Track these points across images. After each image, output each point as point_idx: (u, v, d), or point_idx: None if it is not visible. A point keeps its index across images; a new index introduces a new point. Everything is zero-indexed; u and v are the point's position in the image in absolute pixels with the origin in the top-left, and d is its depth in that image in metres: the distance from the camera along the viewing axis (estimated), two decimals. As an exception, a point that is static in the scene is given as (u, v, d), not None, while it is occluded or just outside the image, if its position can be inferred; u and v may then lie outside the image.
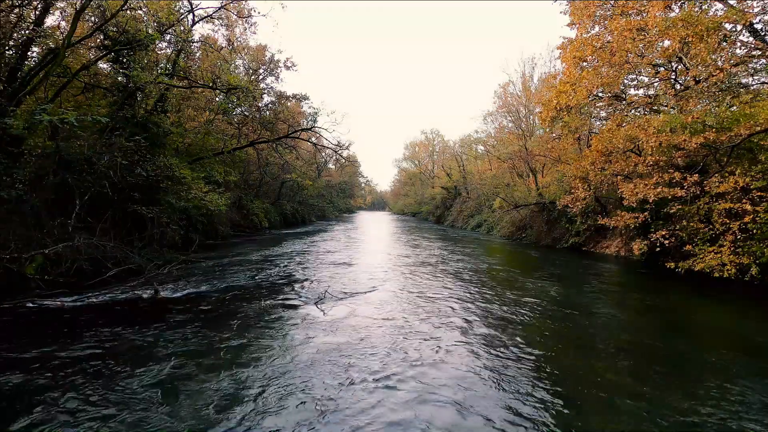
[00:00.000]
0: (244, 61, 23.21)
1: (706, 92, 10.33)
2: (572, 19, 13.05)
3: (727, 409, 3.85)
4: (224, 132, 19.14)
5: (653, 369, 4.80)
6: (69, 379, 4.11)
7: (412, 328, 6.00)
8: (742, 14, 9.15)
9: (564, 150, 19.30)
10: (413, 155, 64.26)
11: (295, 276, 9.91)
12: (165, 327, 5.75)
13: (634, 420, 3.66)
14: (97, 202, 9.37)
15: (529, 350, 5.23)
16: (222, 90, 14.64)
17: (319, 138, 24.00)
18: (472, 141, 39.25)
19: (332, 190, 51.72)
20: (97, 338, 5.23)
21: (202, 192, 12.69)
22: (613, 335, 6.09)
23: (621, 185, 11.92)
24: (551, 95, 13.28)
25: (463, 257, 14.28)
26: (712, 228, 10.47)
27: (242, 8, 15.04)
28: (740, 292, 9.16)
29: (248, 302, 7.25)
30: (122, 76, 11.62)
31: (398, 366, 4.63)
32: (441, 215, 43.44)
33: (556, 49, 14.43)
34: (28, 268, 7.11)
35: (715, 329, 6.91)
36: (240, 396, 3.86)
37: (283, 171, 27.99)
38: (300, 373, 4.38)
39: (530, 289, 8.90)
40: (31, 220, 7.93)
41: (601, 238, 16.83)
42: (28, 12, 9.29)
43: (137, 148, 9.97)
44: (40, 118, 7.60)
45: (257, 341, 5.32)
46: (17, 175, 7.89)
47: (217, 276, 9.46)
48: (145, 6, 11.89)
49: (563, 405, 3.86)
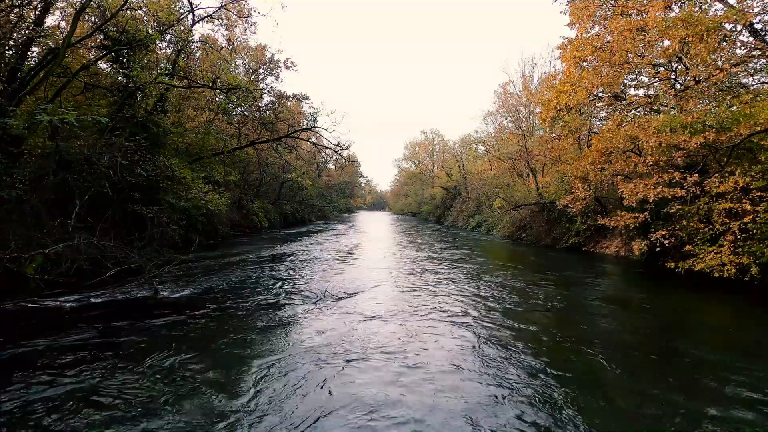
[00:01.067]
0: (244, 61, 23.21)
1: (706, 92, 10.32)
2: (572, 19, 13.04)
3: (726, 408, 3.85)
4: (224, 132, 19.13)
5: (653, 369, 4.80)
6: (69, 379, 4.11)
7: (411, 328, 5.99)
8: (742, 14, 9.15)
9: (564, 150, 19.28)
10: (413, 155, 64.23)
11: (295, 275, 9.91)
12: (165, 327, 5.76)
13: (634, 420, 3.66)
14: (97, 202, 9.36)
15: (528, 350, 5.23)
16: (222, 90, 14.64)
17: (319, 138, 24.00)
18: (472, 141, 39.25)
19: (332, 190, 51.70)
20: (96, 338, 5.23)
21: (202, 192, 12.69)
22: (613, 335, 6.09)
23: (621, 185, 11.91)
24: (551, 95, 13.27)
25: (462, 257, 14.28)
26: (712, 228, 10.47)
27: (242, 8, 15.05)
28: (740, 292, 9.16)
29: (248, 302, 7.25)
30: (122, 76, 11.62)
31: (398, 366, 4.63)
32: (441, 215, 43.42)
33: (556, 49, 14.43)
34: (28, 268, 7.11)
35: (715, 329, 6.91)
36: (240, 395, 3.86)
37: (283, 171, 27.99)
38: (300, 373, 4.38)
39: (530, 289, 8.90)
40: (31, 220, 7.93)
41: (601, 238, 16.83)
42: (28, 12, 9.29)
43: (137, 148, 9.97)
44: (40, 118, 7.60)
45: (257, 341, 5.32)
46: (17, 175, 7.89)
47: (217, 276, 9.46)
48: (145, 6, 11.89)
49: (563, 405, 3.86)
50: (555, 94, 12.78)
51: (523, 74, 28.17)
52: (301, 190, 33.00)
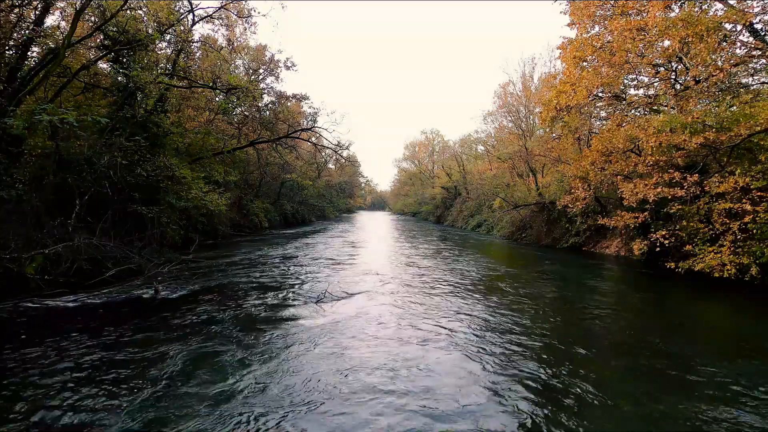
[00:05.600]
0: (244, 61, 23.22)
1: (706, 92, 10.32)
2: (572, 19, 13.04)
3: (726, 408, 3.85)
4: (224, 132, 19.14)
5: (653, 369, 4.80)
6: (69, 379, 4.11)
7: (412, 328, 5.99)
8: (742, 14, 9.15)
9: (564, 150, 19.29)
10: (413, 155, 64.22)
11: (295, 275, 9.91)
12: (165, 326, 5.76)
13: (634, 420, 3.66)
14: (97, 202, 9.37)
15: (528, 350, 5.23)
16: (222, 90, 14.65)
17: (319, 138, 24.03)
18: (472, 141, 39.31)
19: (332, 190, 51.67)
20: (97, 338, 5.23)
21: (202, 192, 12.69)
22: (613, 335, 6.09)
23: (621, 185, 11.92)
24: (551, 95, 13.27)
25: (462, 257, 14.28)
26: (712, 228, 10.47)
27: (242, 8, 15.03)
28: (740, 292, 9.16)
29: (248, 302, 7.25)
30: (122, 76, 11.61)
31: (399, 365, 4.63)
32: (441, 215, 43.42)
33: (556, 49, 14.43)
34: (28, 268, 7.11)
35: (715, 329, 6.91)
36: (240, 395, 3.86)
37: (283, 171, 28.01)
38: (300, 373, 4.38)
39: (530, 289, 8.90)
40: (31, 220, 7.93)
41: (601, 238, 16.83)
42: (28, 12, 9.29)
43: (137, 148, 9.98)
44: (40, 118, 7.60)
45: (257, 340, 5.32)
46: (17, 175, 7.90)
47: (217, 276, 9.46)
48: (145, 6, 11.89)
49: (563, 404, 3.86)
50: (555, 94, 12.78)
51: (523, 74, 28.21)
52: (301, 190, 33.01)
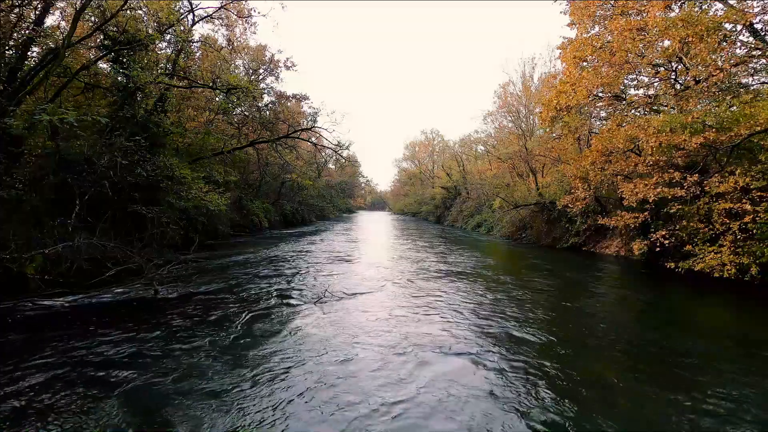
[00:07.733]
0: (244, 61, 23.20)
1: (706, 92, 10.32)
2: (572, 19, 13.06)
3: (726, 408, 3.85)
4: (224, 132, 19.12)
5: (653, 368, 4.80)
6: (69, 379, 4.11)
7: (412, 328, 5.99)
8: (742, 14, 9.15)
9: (564, 150, 19.30)
10: (413, 155, 64.25)
11: (296, 275, 9.91)
12: (165, 327, 5.76)
13: (634, 419, 3.66)
14: (97, 202, 9.36)
15: (527, 349, 5.23)
16: (222, 90, 14.62)
17: (319, 138, 23.99)
18: (472, 141, 39.28)
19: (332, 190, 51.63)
20: (97, 338, 5.23)
21: (202, 192, 12.68)
22: (613, 335, 6.08)
23: (621, 185, 11.92)
24: (551, 95, 13.27)
25: (462, 256, 14.28)
26: (712, 228, 10.47)
27: (242, 8, 15.03)
28: (740, 292, 9.16)
29: (248, 302, 7.25)
30: (122, 76, 11.60)
31: (399, 365, 4.63)
32: (441, 215, 43.42)
33: (556, 49, 14.44)
34: (28, 268, 7.11)
35: (715, 329, 6.91)
36: (240, 395, 3.86)
37: (283, 171, 27.96)
38: (300, 373, 4.38)
39: (530, 289, 8.90)
40: (31, 220, 7.93)
41: (601, 238, 16.83)
42: (28, 12, 9.29)
43: (137, 148, 9.96)
44: (40, 118, 7.58)
45: (257, 340, 5.32)
46: (17, 175, 7.89)
47: (217, 276, 9.46)
48: (145, 6, 11.88)
49: (563, 404, 3.86)
50: (555, 94, 12.78)
51: (523, 74, 28.21)
52: (301, 190, 32.99)
